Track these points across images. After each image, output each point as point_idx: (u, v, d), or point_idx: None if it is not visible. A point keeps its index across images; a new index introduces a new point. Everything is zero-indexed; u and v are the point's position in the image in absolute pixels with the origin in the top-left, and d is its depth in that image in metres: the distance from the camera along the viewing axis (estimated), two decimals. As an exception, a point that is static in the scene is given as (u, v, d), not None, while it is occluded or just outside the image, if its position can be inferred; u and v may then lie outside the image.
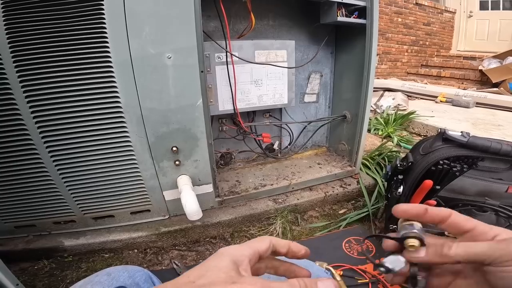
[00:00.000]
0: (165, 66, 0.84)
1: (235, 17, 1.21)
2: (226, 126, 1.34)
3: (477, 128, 2.30)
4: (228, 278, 0.26)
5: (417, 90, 3.47)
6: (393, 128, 2.34)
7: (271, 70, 1.21)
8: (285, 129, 1.51)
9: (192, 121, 0.94)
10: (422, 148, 1.03)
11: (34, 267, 1.00)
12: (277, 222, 1.19)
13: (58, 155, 0.87)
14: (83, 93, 0.80)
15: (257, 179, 1.32)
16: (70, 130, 0.85)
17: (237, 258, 0.29)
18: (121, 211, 1.05)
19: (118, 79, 0.80)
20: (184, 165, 1.01)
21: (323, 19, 1.20)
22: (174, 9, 0.80)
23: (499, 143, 0.92)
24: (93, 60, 0.77)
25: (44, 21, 0.73)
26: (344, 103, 1.46)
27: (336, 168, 1.43)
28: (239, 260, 0.30)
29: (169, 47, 0.83)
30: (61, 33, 0.74)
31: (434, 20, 5.06)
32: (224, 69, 1.10)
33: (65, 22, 0.73)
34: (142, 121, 0.88)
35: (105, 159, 0.91)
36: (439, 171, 0.93)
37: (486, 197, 0.98)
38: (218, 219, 1.13)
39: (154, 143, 0.92)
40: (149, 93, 0.85)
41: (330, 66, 1.49)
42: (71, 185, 0.93)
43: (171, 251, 1.11)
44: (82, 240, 1.03)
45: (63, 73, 0.78)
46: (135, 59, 0.80)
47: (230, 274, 0.27)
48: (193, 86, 0.89)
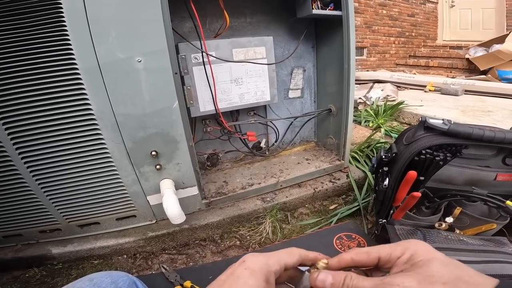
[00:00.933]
0: (136, 70, 0.82)
1: (211, 17, 1.20)
2: (210, 127, 1.33)
3: (467, 115, 2.31)
4: None
5: (406, 81, 3.48)
6: (383, 119, 2.34)
7: (250, 68, 1.20)
8: (271, 127, 1.49)
9: (170, 124, 0.92)
10: (405, 138, 1.01)
11: (25, 275, 1.01)
12: (267, 221, 1.18)
13: (34, 166, 0.86)
14: (53, 102, 0.78)
15: (244, 179, 1.30)
16: (44, 140, 0.83)
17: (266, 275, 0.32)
18: (106, 218, 1.03)
19: (87, 86, 0.78)
20: (166, 169, 0.99)
21: (299, 13, 1.19)
22: (140, 12, 0.78)
23: (481, 129, 0.89)
24: (58, 68, 0.75)
25: (6, 31, 0.70)
26: (329, 97, 1.44)
27: (324, 163, 1.42)
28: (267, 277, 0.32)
29: (138, 51, 0.80)
30: (24, 41, 0.72)
31: (418, 11, 5.09)
32: (202, 70, 1.09)
33: (27, 31, 0.71)
34: (117, 127, 0.86)
35: (82, 167, 0.89)
36: (422, 161, 0.91)
37: (475, 186, 0.95)
38: (206, 221, 1.12)
39: (132, 149, 0.91)
40: (122, 99, 0.83)
41: (312, 60, 1.48)
42: (51, 195, 0.92)
43: (161, 255, 1.10)
44: (70, 247, 1.03)
45: (30, 82, 0.75)
46: (103, 64, 0.78)
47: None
48: (168, 88, 0.88)
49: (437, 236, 0.94)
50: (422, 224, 1.01)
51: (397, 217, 0.99)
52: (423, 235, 0.94)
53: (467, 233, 0.99)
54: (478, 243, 0.91)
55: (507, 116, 2.29)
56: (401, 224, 1.02)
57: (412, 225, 1.01)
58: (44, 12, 0.71)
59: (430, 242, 0.91)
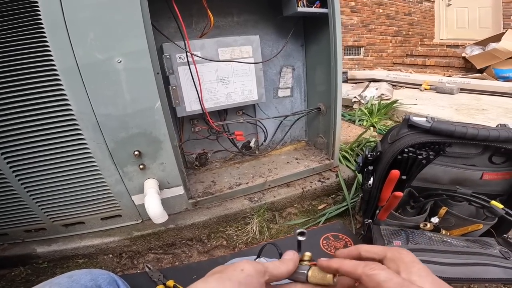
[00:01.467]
0: (116, 71, 0.82)
1: (198, 16, 1.20)
2: (198, 126, 1.32)
3: (461, 113, 2.30)
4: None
5: (402, 80, 3.47)
6: (377, 118, 2.34)
7: (237, 67, 1.19)
8: (259, 126, 1.49)
9: (152, 124, 0.92)
10: (390, 136, 1.00)
11: (11, 274, 1.02)
12: (254, 221, 1.18)
13: (17, 166, 0.86)
14: (33, 103, 0.78)
15: (232, 179, 1.30)
16: (26, 141, 0.83)
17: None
18: (90, 217, 1.03)
19: (67, 87, 0.78)
20: (150, 169, 0.99)
21: (285, 11, 1.19)
22: (119, 12, 0.77)
23: (464, 126, 0.87)
24: (37, 69, 0.75)
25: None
26: (319, 96, 1.44)
27: (314, 162, 1.41)
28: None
29: (118, 51, 0.80)
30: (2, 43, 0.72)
31: (414, 10, 5.08)
32: (187, 69, 1.09)
33: (3, 33, 0.71)
34: (98, 127, 0.86)
35: (64, 167, 0.89)
36: (405, 160, 0.90)
37: (461, 185, 0.94)
38: (192, 221, 1.12)
39: (114, 149, 0.91)
40: (103, 99, 0.83)
41: (301, 59, 1.47)
42: (34, 195, 0.92)
43: (147, 254, 1.10)
44: (54, 247, 1.03)
45: (8, 84, 0.75)
46: (82, 65, 0.77)
47: None
48: (149, 88, 0.87)
49: (420, 237, 0.93)
50: (407, 224, 1.01)
51: (382, 217, 0.98)
52: (406, 236, 0.93)
53: (453, 234, 0.98)
54: (462, 244, 0.90)
55: (501, 114, 2.29)
56: (387, 224, 1.02)
57: (398, 225, 1.01)
58: (21, 13, 0.71)
59: (413, 243, 0.91)
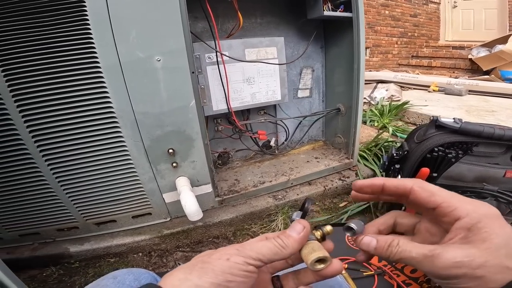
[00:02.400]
0: (155, 69, 0.84)
1: (223, 17, 1.22)
2: (221, 125, 1.34)
3: (471, 115, 2.32)
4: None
5: (409, 81, 3.49)
6: (388, 118, 2.35)
7: (262, 68, 1.22)
8: (281, 126, 1.51)
9: (186, 122, 0.94)
10: (417, 136, 1.04)
11: (42, 274, 1.01)
12: (279, 219, 1.20)
13: (55, 163, 0.87)
14: (75, 100, 0.80)
15: (255, 177, 1.32)
16: (65, 138, 0.84)
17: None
18: (122, 216, 1.05)
19: (109, 85, 0.80)
20: (182, 167, 1.01)
21: (309, 14, 1.21)
22: (159, 11, 0.80)
23: (491, 127, 0.92)
24: (82, 66, 0.77)
25: (28, 30, 0.72)
26: (337, 96, 1.46)
27: (333, 161, 1.43)
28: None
29: (157, 50, 0.82)
30: (48, 40, 0.73)
31: (420, 11, 5.10)
32: (215, 69, 1.11)
33: (51, 29, 0.73)
34: (136, 125, 0.88)
35: (102, 165, 0.91)
36: (434, 158, 0.93)
37: (484, 182, 0.98)
38: (219, 219, 1.13)
39: (150, 147, 0.92)
40: (141, 97, 0.85)
41: (321, 61, 1.50)
42: (70, 192, 0.93)
43: (175, 252, 1.11)
44: (87, 246, 1.04)
45: (53, 80, 0.77)
46: (124, 63, 0.79)
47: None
48: (185, 87, 0.89)
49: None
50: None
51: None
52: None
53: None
54: None
55: (510, 115, 2.31)
56: (413, 220, 1.04)
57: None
58: (68, 10, 0.72)
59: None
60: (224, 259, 0.28)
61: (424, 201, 0.30)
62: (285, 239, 0.31)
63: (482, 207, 0.27)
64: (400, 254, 0.29)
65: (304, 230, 0.32)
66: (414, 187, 0.31)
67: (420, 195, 0.30)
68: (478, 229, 0.26)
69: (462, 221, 0.27)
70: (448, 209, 0.28)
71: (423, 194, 0.30)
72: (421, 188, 0.31)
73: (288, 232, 0.32)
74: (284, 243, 0.30)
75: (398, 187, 0.32)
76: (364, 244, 0.32)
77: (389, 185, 0.33)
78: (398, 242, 0.30)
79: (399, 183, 0.32)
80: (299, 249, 0.32)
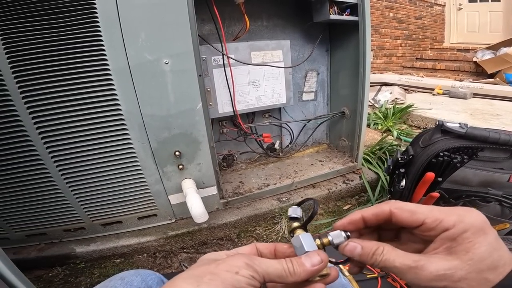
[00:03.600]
0: (163, 72, 0.85)
1: (229, 20, 1.23)
2: (226, 128, 1.35)
3: (476, 119, 2.31)
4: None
5: (414, 84, 3.48)
6: (392, 122, 2.35)
7: (268, 71, 1.22)
8: (285, 128, 1.52)
9: (193, 125, 0.95)
10: (422, 140, 1.04)
11: (48, 274, 1.02)
12: (283, 221, 1.20)
13: (63, 164, 0.88)
14: (85, 102, 0.81)
15: (260, 179, 1.33)
16: (74, 139, 0.86)
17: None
18: (128, 217, 1.06)
19: (118, 87, 0.81)
20: (188, 169, 1.02)
21: (316, 18, 1.22)
22: (168, 14, 0.80)
23: (497, 132, 0.92)
24: (91, 68, 0.78)
25: (39, 31, 0.73)
26: (342, 100, 1.47)
27: (338, 165, 1.43)
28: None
29: (166, 52, 0.83)
30: (58, 41, 0.74)
31: (425, 13, 5.09)
32: (221, 72, 1.11)
33: (61, 31, 0.74)
34: (143, 127, 0.89)
35: (109, 166, 0.92)
36: (440, 163, 0.94)
37: (489, 187, 0.98)
38: (223, 221, 1.14)
39: (156, 149, 0.93)
40: (149, 99, 0.86)
41: (326, 64, 1.50)
42: (78, 193, 0.94)
43: (180, 254, 1.12)
44: (93, 246, 1.05)
45: (63, 82, 0.78)
46: (133, 66, 0.80)
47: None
48: (192, 90, 0.90)
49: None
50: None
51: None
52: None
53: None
54: None
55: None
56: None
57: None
58: (79, 12, 0.73)
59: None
60: (233, 272, 0.27)
61: (407, 222, 0.30)
62: (296, 266, 0.30)
63: (467, 216, 0.27)
64: (384, 263, 0.29)
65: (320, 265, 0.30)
66: (392, 210, 0.31)
67: (401, 216, 0.30)
68: (462, 240, 0.26)
69: (448, 232, 0.27)
70: (433, 224, 0.28)
71: (404, 215, 0.30)
72: (399, 209, 0.31)
73: (303, 260, 0.30)
74: (294, 270, 0.30)
75: (377, 214, 0.32)
76: (348, 250, 0.32)
77: (367, 215, 0.33)
78: (382, 250, 0.29)
79: (375, 210, 0.32)
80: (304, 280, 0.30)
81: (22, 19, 0.72)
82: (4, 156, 0.84)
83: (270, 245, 0.35)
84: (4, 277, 0.66)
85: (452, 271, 0.25)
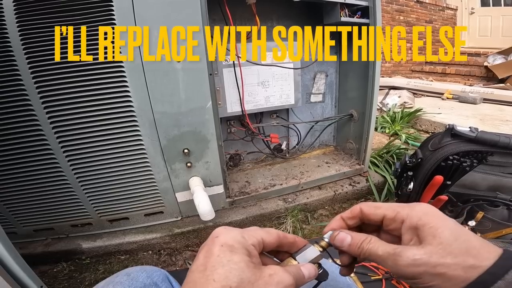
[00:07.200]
0: (175, 70, 0.86)
1: (240, 20, 1.24)
2: (234, 127, 1.36)
3: (485, 124, 2.29)
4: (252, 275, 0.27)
5: (423, 88, 3.45)
6: (400, 125, 2.34)
7: (277, 72, 1.23)
8: (293, 129, 1.52)
9: (202, 123, 0.96)
10: (431, 144, 1.04)
11: (53, 270, 1.03)
12: (288, 221, 1.20)
13: (75, 159, 0.90)
14: (98, 98, 0.83)
15: (266, 179, 1.33)
16: (86, 135, 0.87)
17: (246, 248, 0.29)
18: (135, 213, 1.07)
19: (131, 84, 0.83)
20: (196, 167, 1.03)
21: (326, 20, 1.22)
22: (182, 12, 0.82)
23: (507, 137, 0.92)
24: (105, 65, 0.80)
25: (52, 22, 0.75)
26: (350, 102, 1.46)
27: (344, 167, 1.43)
28: (247, 250, 0.29)
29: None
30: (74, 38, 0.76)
31: (436, 17, 5.03)
32: (231, 72, 1.12)
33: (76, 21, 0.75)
34: (154, 124, 0.90)
35: (119, 162, 0.93)
36: (449, 167, 0.93)
37: (498, 191, 0.98)
38: (229, 220, 1.15)
39: (166, 146, 0.95)
40: (161, 97, 0.88)
41: (335, 66, 1.50)
42: (87, 188, 0.96)
43: (184, 251, 1.13)
44: (99, 242, 1.06)
45: (77, 78, 0.80)
46: (146, 63, 0.82)
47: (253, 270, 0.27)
48: (203, 89, 0.91)
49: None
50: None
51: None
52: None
53: (488, 236, 1.01)
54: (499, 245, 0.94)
55: (526, 126, 2.26)
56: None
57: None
58: (95, 10, 0.75)
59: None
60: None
61: (373, 216, 0.33)
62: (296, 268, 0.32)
63: (417, 205, 0.30)
64: (369, 251, 0.31)
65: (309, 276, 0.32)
66: (361, 208, 0.34)
67: (368, 212, 0.34)
68: (422, 226, 0.28)
69: (406, 223, 0.30)
70: (391, 215, 0.31)
71: (370, 211, 0.34)
72: (367, 206, 0.34)
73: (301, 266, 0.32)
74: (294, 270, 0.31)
75: (352, 213, 0.35)
76: (339, 240, 0.33)
77: (345, 216, 0.36)
78: (370, 239, 0.31)
79: (351, 210, 0.35)
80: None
81: (39, 15, 0.74)
82: (16, 149, 0.86)
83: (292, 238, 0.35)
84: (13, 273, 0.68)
85: (427, 255, 0.26)
